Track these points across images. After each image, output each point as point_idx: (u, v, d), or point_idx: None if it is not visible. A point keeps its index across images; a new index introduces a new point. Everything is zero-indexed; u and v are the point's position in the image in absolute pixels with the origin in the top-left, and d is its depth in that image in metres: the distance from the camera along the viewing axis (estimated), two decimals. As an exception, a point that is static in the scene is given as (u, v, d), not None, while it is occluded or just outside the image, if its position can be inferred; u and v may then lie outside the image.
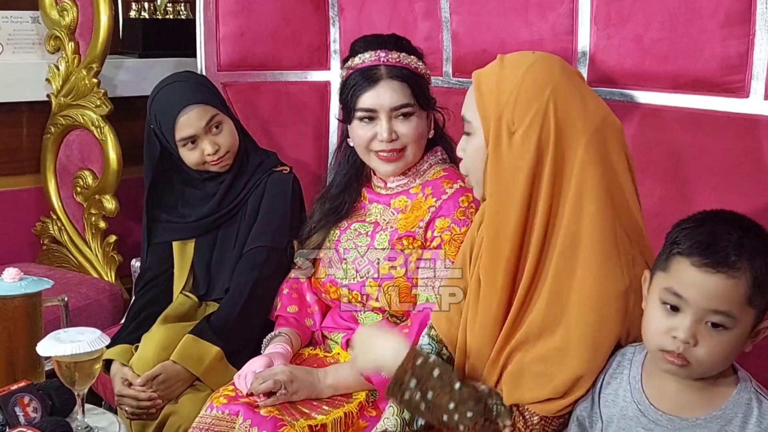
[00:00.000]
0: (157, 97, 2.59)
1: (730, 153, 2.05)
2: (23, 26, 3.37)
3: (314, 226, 2.43)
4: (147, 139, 2.64)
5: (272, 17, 3.06)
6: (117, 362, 2.41)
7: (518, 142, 1.71)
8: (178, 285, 2.64)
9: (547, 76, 1.73)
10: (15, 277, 2.03)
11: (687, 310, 1.50)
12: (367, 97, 2.27)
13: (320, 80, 3.14)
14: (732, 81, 2.05)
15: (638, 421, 1.62)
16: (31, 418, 1.85)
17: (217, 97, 2.61)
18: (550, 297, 1.71)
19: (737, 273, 1.47)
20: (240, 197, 2.60)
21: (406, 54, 2.30)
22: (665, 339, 1.52)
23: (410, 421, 1.90)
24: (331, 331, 2.39)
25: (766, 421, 1.52)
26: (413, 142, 2.29)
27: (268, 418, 2.03)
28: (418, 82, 2.29)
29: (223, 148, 2.54)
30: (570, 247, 1.69)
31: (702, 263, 1.48)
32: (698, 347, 1.50)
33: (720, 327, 1.49)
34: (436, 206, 2.25)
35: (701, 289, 1.49)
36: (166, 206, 2.70)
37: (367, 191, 2.42)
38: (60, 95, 3.33)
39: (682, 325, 1.50)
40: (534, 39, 2.41)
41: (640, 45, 2.20)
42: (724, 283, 1.47)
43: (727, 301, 1.48)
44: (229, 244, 2.61)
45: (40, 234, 3.49)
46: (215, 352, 2.37)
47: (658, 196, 2.17)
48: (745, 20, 2.00)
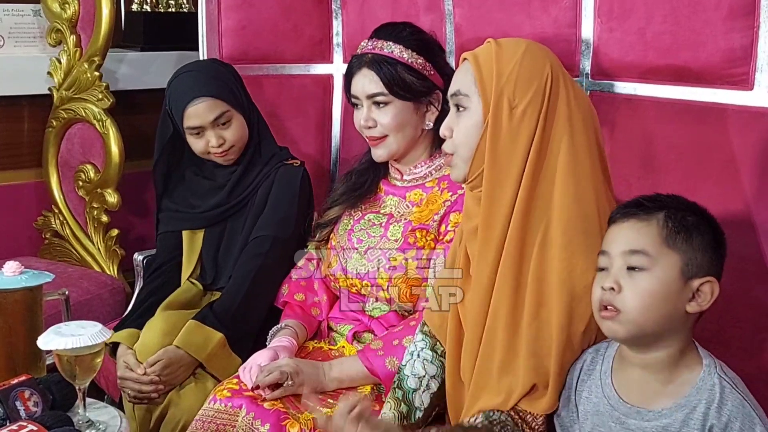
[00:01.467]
0: (174, 81, 2.62)
1: (733, 146, 2.04)
2: (24, 19, 3.38)
3: (336, 199, 2.47)
4: (162, 118, 2.67)
5: (274, 10, 3.05)
6: (123, 345, 2.43)
7: (518, 117, 1.76)
8: (186, 273, 2.67)
9: (544, 57, 1.82)
10: (15, 270, 2.03)
11: (611, 261, 1.59)
12: (353, 84, 2.37)
13: (323, 73, 3.13)
14: (736, 73, 2.04)
15: (610, 415, 1.64)
16: (32, 413, 1.85)
17: (231, 92, 2.60)
18: (534, 274, 1.76)
19: (649, 217, 1.58)
20: (249, 189, 2.62)
21: (393, 42, 2.32)
22: (597, 295, 1.60)
23: (407, 414, 1.91)
24: (338, 323, 2.40)
25: (726, 408, 1.53)
26: (392, 130, 2.32)
27: (271, 411, 2.04)
28: (395, 71, 2.30)
29: (228, 142, 2.56)
30: (545, 230, 1.76)
31: (619, 217, 1.61)
32: (623, 293, 1.57)
33: (638, 268, 1.56)
34: (452, 200, 2.27)
35: (617, 236, 1.60)
36: (176, 196, 2.73)
37: (383, 183, 2.44)
38: (62, 89, 3.33)
39: (608, 276, 1.58)
40: (536, 32, 2.40)
41: (643, 38, 2.19)
42: (636, 225, 1.58)
43: (640, 240, 1.57)
44: (237, 235, 2.63)
45: (42, 228, 3.49)
46: (218, 338, 2.38)
47: (661, 189, 2.13)
48: (749, 12, 1.99)
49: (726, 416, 1.52)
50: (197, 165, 2.69)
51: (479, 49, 1.86)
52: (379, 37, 2.35)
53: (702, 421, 1.54)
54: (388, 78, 2.29)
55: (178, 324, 2.42)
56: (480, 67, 1.81)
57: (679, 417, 1.56)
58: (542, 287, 1.74)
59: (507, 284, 1.77)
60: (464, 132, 1.83)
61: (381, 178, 2.45)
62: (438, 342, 1.99)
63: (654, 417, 1.59)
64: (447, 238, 2.22)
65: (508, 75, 1.77)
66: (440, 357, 1.98)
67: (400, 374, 1.99)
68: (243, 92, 2.65)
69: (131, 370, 2.34)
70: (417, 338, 2.03)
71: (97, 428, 1.89)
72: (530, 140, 1.76)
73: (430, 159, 2.38)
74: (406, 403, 1.94)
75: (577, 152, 1.77)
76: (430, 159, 2.38)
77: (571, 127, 1.77)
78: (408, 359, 2.00)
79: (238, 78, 2.68)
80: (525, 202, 1.76)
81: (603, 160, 1.83)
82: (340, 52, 3.10)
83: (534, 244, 1.76)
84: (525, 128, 1.76)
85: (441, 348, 1.99)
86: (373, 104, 2.32)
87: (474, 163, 1.82)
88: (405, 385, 1.96)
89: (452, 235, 2.20)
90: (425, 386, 1.96)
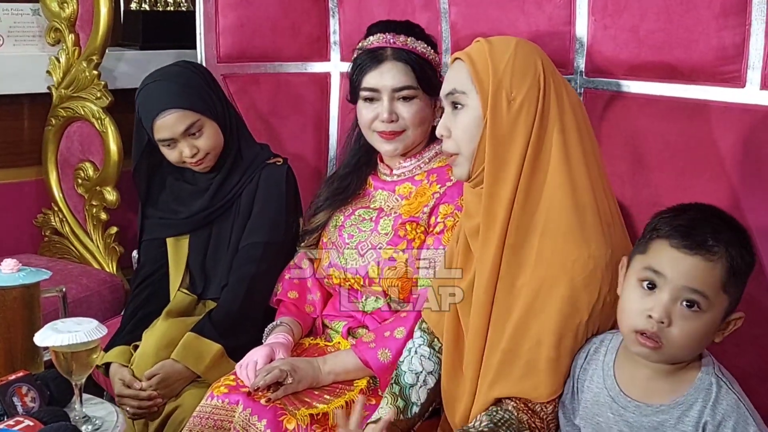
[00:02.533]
0: (141, 92, 2.53)
1: (726, 143, 2.05)
2: (24, 18, 3.38)
3: (320, 205, 2.46)
4: (136, 125, 2.59)
5: (272, 9, 3.06)
6: (116, 363, 2.42)
7: (516, 110, 1.78)
8: (174, 283, 2.61)
9: (534, 52, 1.86)
10: (13, 267, 2.03)
11: (664, 287, 1.54)
12: (371, 76, 2.31)
13: (320, 72, 3.15)
14: (728, 71, 2.05)
15: (609, 406, 1.66)
16: (29, 408, 1.85)
17: (202, 99, 2.51)
18: (534, 265, 1.77)
19: (714, 257, 1.51)
20: (233, 192, 2.57)
21: (414, 39, 2.33)
22: (640, 319, 1.56)
23: (404, 409, 1.93)
24: (332, 320, 2.41)
25: (720, 407, 1.55)
26: (413, 125, 2.31)
27: (268, 407, 2.05)
28: (423, 67, 2.31)
29: (203, 150, 2.49)
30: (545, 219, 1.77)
31: (681, 244, 1.53)
32: (672, 327, 1.53)
33: (694, 307, 1.52)
34: (441, 192, 2.28)
35: (679, 266, 1.53)
36: (158, 202, 2.67)
37: (372, 179, 2.44)
38: (61, 87, 3.34)
39: (657, 304, 1.54)
40: (531, 29, 2.41)
41: (637, 35, 2.20)
42: (701, 264, 1.52)
43: (703, 281, 1.51)
44: (224, 241, 2.59)
45: (41, 225, 3.51)
46: (216, 349, 2.37)
47: (654, 186, 2.17)
48: (741, 10, 2.00)
49: (720, 415, 1.54)
50: (178, 170, 2.63)
51: (470, 49, 1.88)
52: (398, 32, 2.33)
53: (696, 419, 1.56)
54: (419, 72, 2.30)
55: (176, 334, 2.40)
56: (475, 64, 1.82)
57: (675, 414, 1.58)
58: (541, 278, 1.75)
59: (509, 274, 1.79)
60: (464, 129, 1.84)
61: (366, 177, 2.44)
62: (436, 338, 2.01)
63: (651, 412, 1.61)
64: (437, 230, 2.22)
65: (503, 69, 1.79)
66: (437, 353, 2.00)
67: (397, 370, 2.01)
68: (216, 96, 2.57)
69: (128, 387, 2.34)
70: (415, 335, 2.05)
71: (93, 424, 1.89)
72: (528, 134, 1.78)
73: (420, 153, 2.38)
74: (403, 399, 1.95)
75: (569, 144, 1.79)
76: (420, 153, 2.38)
77: (561, 119, 1.79)
78: (406, 355, 2.02)
79: (212, 81, 2.62)
80: (524, 194, 1.78)
81: (595, 150, 1.85)
82: (338, 50, 3.11)
83: (535, 234, 1.77)
84: (523, 121, 1.78)
85: (438, 344, 2.01)
86: (396, 98, 2.30)
87: (477, 160, 1.83)
88: (402, 381, 1.97)
89: (442, 227, 2.21)
90: (422, 382, 1.97)
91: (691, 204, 1.63)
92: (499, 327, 1.80)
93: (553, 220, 1.76)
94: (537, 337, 1.74)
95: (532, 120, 1.78)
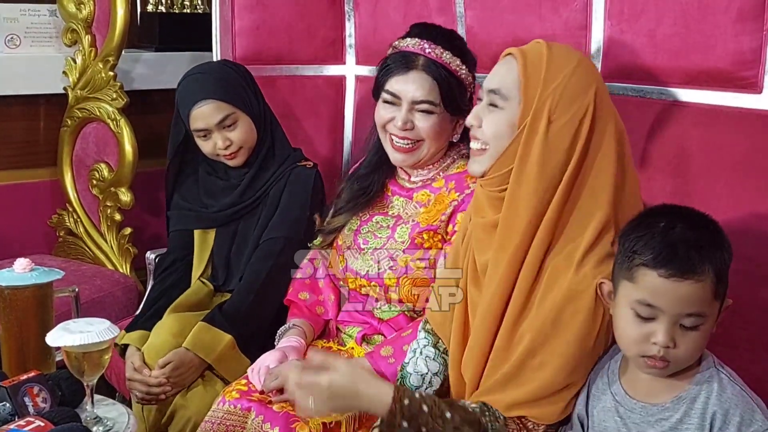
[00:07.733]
0: (182, 84, 2.64)
1: (742, 148, 2.03)
2: (41, 19, 3.41)
3: (342, 206, 2.43)
4: (174, 119, 2.68)
5: (287, 11, 3.06)
6: (132, 347, 2.44)
7: (554, 132, 1.73)
8: (197, 273, 2.68)
9: (592, 77, 1.78)
10: (26, 267, 2.04)
11: (662, 317, 1.56)
12: (396, 81, 2.26)
13: (336, 74, 3.14)
14: (745, 76, 2.03)
15: (615, 411, 1.67)
16: (40, 408, 1.85)
17: (238, 93, 2.60)
18: (544, 290, 1.74)
19: (703, 276, 1.53)
20: (262, 190, 2.63)
21: (450, 54, 2.26)
22: (645, 346, 1.58)
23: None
24: (346, 325, 2.39)
25: (726, 395, 1.57)
26: (429, 138, 2.27)
27: (280, 414, 2.03)
28: (451, 85, 2.24)
29: (236, 144, 2.57)
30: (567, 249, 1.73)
31: (669, 274, 1.53)
32: (677, 348, 1.56)
33: (694, 325, 1.55)
34: (459, 200, 2.25)
35: (673, 297, 1.54)
36: (189, 194, 2.74)
37: (391, 184, 2.41)
38: (77, 88, 3.36)
39: (659, 330, 1.56)
40: (547, 34, 2.39)
41: (653, 40, 2.18)
42: (693, 287, 1.53)
43: (698, 303, 1.54)
44: (249, 236, 2.63)
45: (56, 226, 3.52)
46: (227, 339, 2.39)
47: (669, 192, 2.15)
48: (758, 15, 1.99)
49: (727, 402, 1.56)
50: (211, 165, 2.70)
51: (528, 49, 1.80)
52: (436, 41, 2.26)
53: (702, 411, 1.57)
54: (445, 90, 2.23)
55: (187, 325, 2.43)
56: (527, 71, 1.76)
57: (681, 409, 1.59)
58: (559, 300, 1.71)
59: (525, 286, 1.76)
60: (495, 128, 1.79)
61: (385, 179, 2.41)
62: (440, 339, 2.00)
63: (657, 411, 1.61)
64: (454, 238, 2.20)
65: (555, 87, 1.73)
66: (442, 354, 1.99)
67: (402, 372, 1.99)
68: (253, 93, 2.65)
69: (138, 372, 2.36)
70: (419, 336, 2.03)
71: (104, 425, 1.89)
72: (566, 154, 1.72)
73: (437, 161, 2.35)
74: None
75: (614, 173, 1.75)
76: (437, 161, 2.35)
77: (606, 149, 1.75)
78: (410, 357, 2.01)
79: (249, 79, 2.68)
80: (556, 213, 1.73)
81: (633, 178, 1.81)
82: (353, 53, 3.11)
83: (559, 255, 1.74)
84: (560, 143, 1.72)
85: (443, 345, 1.99)
86: (415, 109, 2.25)
87: (498, 162, 1.79)
88: (407, 383, 1.96)
89: (459, 235, 2.19)
90: (428, 383, 1.96)
91: (658, 211, 1.63)
92: (506, 342, 1.78)
93: (587, 250, 1.72)
94: (547, 360, 1.72)
95: (569, 143, 1.72)
